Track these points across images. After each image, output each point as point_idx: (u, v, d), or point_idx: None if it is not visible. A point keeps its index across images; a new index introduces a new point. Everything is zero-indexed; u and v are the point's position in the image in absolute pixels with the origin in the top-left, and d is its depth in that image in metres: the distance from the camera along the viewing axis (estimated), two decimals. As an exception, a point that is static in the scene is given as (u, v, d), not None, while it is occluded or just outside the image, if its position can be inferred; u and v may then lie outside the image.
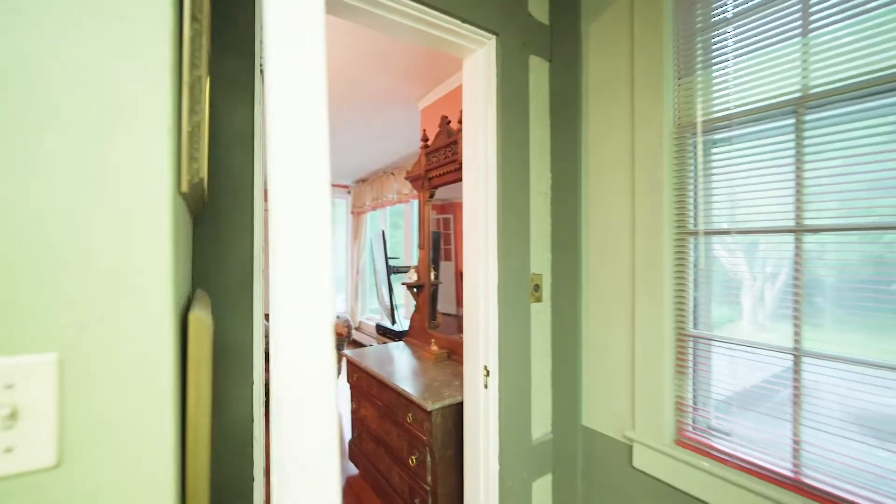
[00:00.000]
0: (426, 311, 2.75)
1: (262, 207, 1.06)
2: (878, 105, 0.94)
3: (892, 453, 0.93)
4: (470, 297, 1.57)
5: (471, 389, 1.58)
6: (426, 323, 2.74)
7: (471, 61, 1.57)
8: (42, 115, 0.40)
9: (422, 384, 1.92)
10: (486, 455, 1.52)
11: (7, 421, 0.38)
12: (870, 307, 0.98)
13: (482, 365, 1.53)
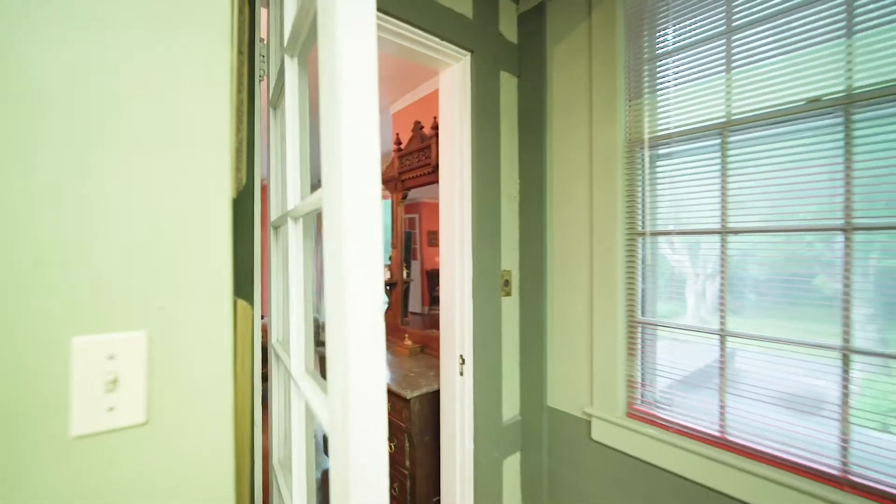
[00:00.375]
0: (398, 308, 2.86)
1: (259, 211, 1.14)
2: (784, 132, 1.16)
3: (796, 412, 1.15)
4: (447, 292, 1.70)
5: (447, 377, 1.71)
6: (398, 319, 2.85)
7: (447, 74, 1.70)
8: (130, 139, 0.49)
9: (399, 375, 2.03)
10: (461, 436, 1.66)
11: (110, 385, 0.47)
12: (785, 296, 1.21)
13: (458, 354, 1.67)
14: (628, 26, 1.48)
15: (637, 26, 1.47)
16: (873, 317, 1.04)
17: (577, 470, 1.62)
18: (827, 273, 1.11)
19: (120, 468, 0.48)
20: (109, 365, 0.47)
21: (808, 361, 1.13)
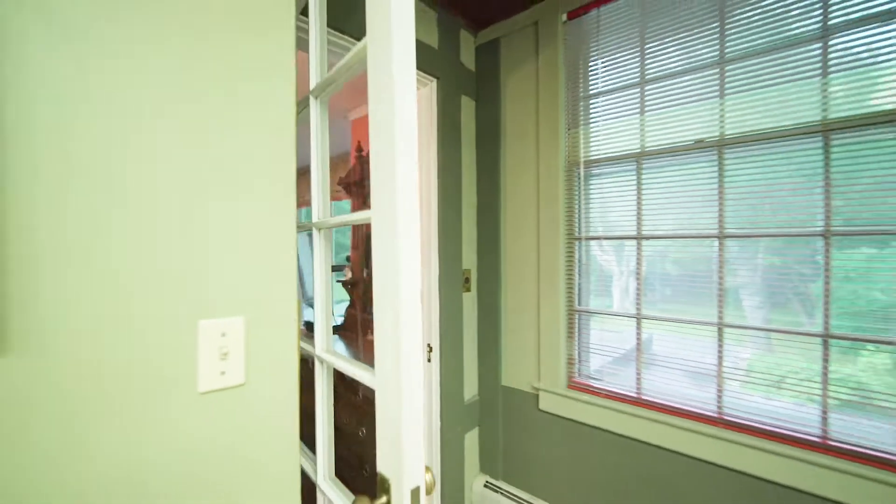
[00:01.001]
0: (360, 306, 3.01)
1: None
2: (681, 162, 1.54)
3: (693, 375, 1.53)
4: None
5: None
6: (359, 316, 3.00)
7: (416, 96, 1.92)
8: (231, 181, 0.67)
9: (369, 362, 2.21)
10: (429, 415, 1.89)
11: (223, 355, 0.65)
12: (685, 287, 1.58)
13: (426, 343, 1.90)
14: (567, 69, 1.80)
15: (574, 70, 1.79)
16: (761, 302, 1.44)
17: (528, 436, 1.92)
18: (711, 269, 1.50)
19: (227, 416, 0.66)
20: (222, 341, 0.65)
21: (697, 337, 1.52)
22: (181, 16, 0.61)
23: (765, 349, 1.42)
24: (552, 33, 1.80)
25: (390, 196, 0.67)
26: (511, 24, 1.95)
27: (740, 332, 1.43)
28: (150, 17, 0.58)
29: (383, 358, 0.73)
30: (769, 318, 1.40)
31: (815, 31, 1.28)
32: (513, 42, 1.97)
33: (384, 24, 0.66)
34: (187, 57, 0.62)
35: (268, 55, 0.71)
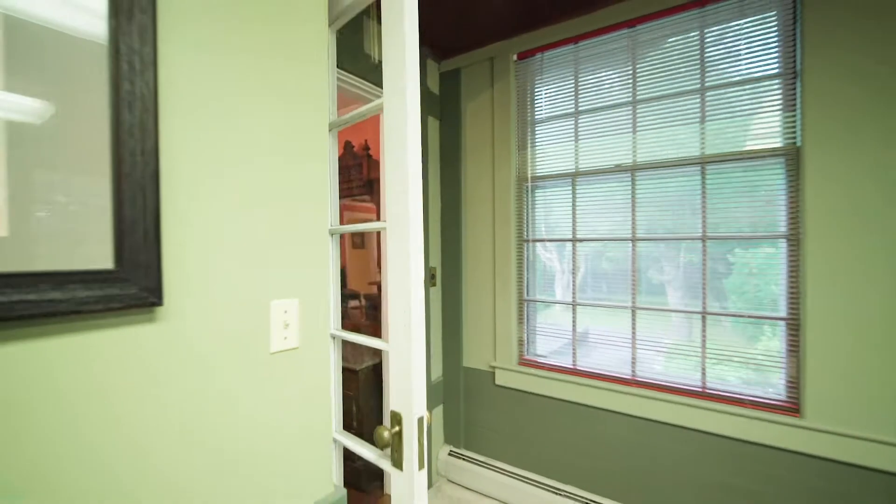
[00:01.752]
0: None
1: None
2: (605, 180, 1.95)
3: (614, 349, 1.95)
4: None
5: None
6: (327, 313, 3.19)
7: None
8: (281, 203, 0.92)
9: (346, 353, 2.44)
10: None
11: (285, 326, 0.90)
12: (612, 279, 1.99)
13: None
14: (517, 99, 2.17)
15: (523, 100, 2.16)
16: (681, 289, 1.87)
17: (486, 409, 2.27)
18: (626, 265, 1.92)
19: (286, 369, 0.91)
20: (285, 316, 0.90)
21: (618, 318, 1.94)
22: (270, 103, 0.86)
23: (666, 325, 1.86)
24: (505, 69, 2.16)
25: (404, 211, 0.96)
26: (470, 57, 2.28)
27: (648, 313, 1.87)
28: (255, 108, 0.83)
29: (396, 328, 1.01)
30: (671, 301, 1.85)
31: (696, 87, 1.73)
32: (472, 72, 2.30)
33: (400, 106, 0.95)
34: (278, 124, 0.87)
35: (317, 124, 0.97)
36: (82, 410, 0.61)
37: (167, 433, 0.71)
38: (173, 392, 0.72)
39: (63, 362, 0.60)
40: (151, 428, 0.69)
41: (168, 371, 0.71)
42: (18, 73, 0.55)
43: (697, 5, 1.70)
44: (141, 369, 0.68)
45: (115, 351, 0.65)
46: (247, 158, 0.84)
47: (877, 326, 1.38)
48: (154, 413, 0.69)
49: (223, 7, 0.80)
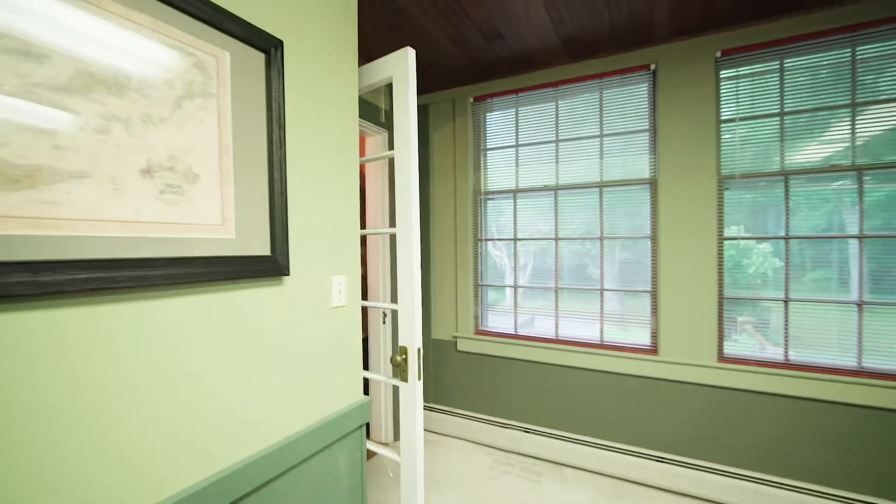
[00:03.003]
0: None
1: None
2: (538, 196, 2.67)
3: (543, 318, 2.67)
4: (373, 279, 2.78)
5: (374, 327, 2.79)
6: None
7: (371, 141, 2.78)
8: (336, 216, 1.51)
9: (333, 334, 2.99)
10: (384, 362, 2.76)
11: (339, 292, 1.49)
12: (541, 268, 2.71)
13: (381, 312, 2.77)
14: (473, 132, 2.84)
15: (477, 132, 2.84)
16: (588, 273, 2.61)
17: (450, 370, 2.92)
18: (550, 259, 2.65)
19: (339, 318, 1.50)
20: (338, 285, 1.49)
21: (546, 297, 2.66)
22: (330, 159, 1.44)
23: (578, 300, 2.61)
24: (464, 109, 2.82)
25: (408, 218, 1.58)
26: (437, 96, 2.92)
27: (566, 291, 2.61)
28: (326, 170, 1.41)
29: (403, 295, 1.63)
30: (581, 283, 2.59)
31: (597, 133, 2.49)
32: (438, 109, 2.94)
33: (406, 156, 1.57)
34: (331, 165, 1.45)
35: (351, 163, 1.57)
36: (258, 321, 1.19)
37: (289, 346, 1.29)
38: (289, 320, 1.30)
39: (250, 300, 1.17)
40: (280, 341, 1.27)
41: (286, 308, 1.29)
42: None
43: (598, 77, 2.45)
44: (275, 306, 1.25)
45: (267, 296, 1.22)
46: (317, 192, 1.42)
47: (696, 295, 2.19)
48: (281, 330, 1.27)
49: (307, 113, 1.38)
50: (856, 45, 1.94)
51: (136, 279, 0.87)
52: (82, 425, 0.79)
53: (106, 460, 0.83)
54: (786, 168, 2.06)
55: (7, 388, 0.69)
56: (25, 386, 0.71)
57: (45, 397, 0.74)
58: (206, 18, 1.02)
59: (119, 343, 0.86)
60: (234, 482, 1.07)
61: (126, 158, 0.88)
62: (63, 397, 0.76)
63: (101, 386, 0.82)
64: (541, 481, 2.35)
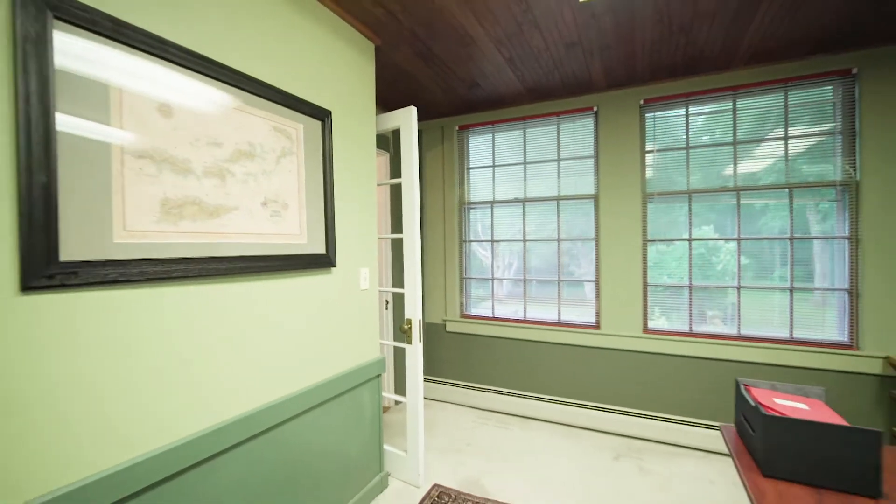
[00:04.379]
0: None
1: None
2: (511, 207, 3.34)
3: (517, 303, 3.35)
4: (380, 269, 3.43)
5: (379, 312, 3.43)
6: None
7: (378, 161, 3.42)
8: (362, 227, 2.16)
9: (343, 319, 3.62)
10: (387, 337, 3.41)
11: (364, 279, 2.13)
12: (514, 263, 3.39)
13: (384, 300, 3.42)
14: (458, 153, 3.50)
15: (462, 154, 3.50)
16: (550, 267, 3.30)
17: (441, 348, 3.58)
18: (520, 256, 3.33)
19: (365, 298, 2.14)
20: (364, 273, 2.13)
21: (516, 286, 3.34)
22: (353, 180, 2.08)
23: (543, 288, 3.29)
24: (451, 135, 3.48)
25: (412, 226, 2.24)
26: (428, 124, 3.58)
27: (534, 282, 3.29)
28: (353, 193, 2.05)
29: (408, 282, 2.29)
30: (545, 275, 3.28)
31: (555, 157, 3.17)
32: (429, 134, 3.60)
33: (410, 184, 2.22)
34: (359, 187, 2.09)
35: (372, 185, 2.21)
36: (299, 313, 1.83)
37: (329, 314, 1.93)
38: (336, 295, 1.94)
39: (315, 281, 1.80)
40: (331, 308, 1.91)
41: (331, 293, 1.93)
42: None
43: (555, 115, 3.13)
44: (328, 286, 1.89)
45: (323, 279, 1.86)
46: (350, 210, 2.06)
47: (627, 284, 2.90)
48: (332, 301, 1.91)
49: (344, 154, 2.02)
50: (736, 99, 2.66)
51: (259, 268, 1.51)
52: (227, 353, 1.44)
53: (213, 380, 1.48)
54: (690, 188, 2.77)
55: (184, 333, 1.34)
56: (191, 331, 1.36)
57: (186, 342, 1.39)
58: (292, 106, 1.67)
59: (244, 303, 1.50)
60: (310, 398, 1.72)
61: (254, 197, 1.51)
62: (201, 341, 1.41)
63: (218, 332, 1.47)
64: (510, 429, 3.03)
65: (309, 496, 1.76)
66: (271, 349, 1.58)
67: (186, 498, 1.27)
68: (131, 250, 1.14)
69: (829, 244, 2.50)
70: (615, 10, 1.95)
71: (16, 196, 0.93)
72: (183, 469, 1.26)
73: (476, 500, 2.14)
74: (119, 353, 1.12)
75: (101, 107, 1.08)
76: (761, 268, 2.64)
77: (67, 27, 1.01)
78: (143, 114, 1.17)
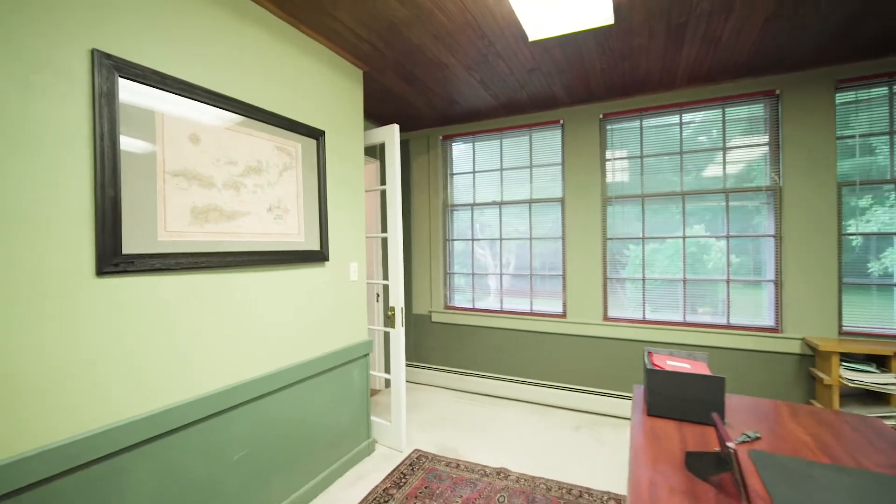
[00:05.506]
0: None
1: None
2: (488, 208, 3.71)
3: (495, 296, 3.72)
4: (370, 265, 3.79)
5: (370, 301, 3.80)
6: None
7: (367, 168, 3.79)
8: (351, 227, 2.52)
9: (339, 311, 3.98)
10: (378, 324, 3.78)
11: (353, 271, 2.50)
12: (491, 259, 3.76)
13: (376, 293, 3.78)
14: (442, 160, 3.87)
15: (445, 161, 3.87)
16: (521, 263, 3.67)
17: (427, 336, 3.95)
18: (496, 253, 3.69)
19: (353, 289, 2.51)
20: (353, 267, 2.50)
21: (494, 279, 3.71)
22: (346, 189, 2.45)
23: (517, 281, 3.66)
24: (435, 144, 3.85)
25: (395, 226, 2.61)
26: (415, 134, 3.94)
27: (511, 276, 3.65)
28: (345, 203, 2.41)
29: (391, 275, 2.65)
30: (518, 270, 3.64)
31: (527, 164, 3.54)
32: (416, 143, 3.96)
33: (394, 189, 2.59)
34: (349, 194, 2.45)
35: (360, 192, 2.57)
36: (298, 299, 2.19)
37: (323, 300, 2.29)
38: (328, 285, 2.30)
39: (311, 273, 2.17)
40: (324, 296, 2.27)
41: (324, 284, 2.30)
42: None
43: (527, 126, 3.50)
44: (322, 277, 2.26)
45: (318, 271, 2.23)
46: (340, 213, 2.43)
47: (590, 277, 3.26)
48: (325, 290, 2.28)
49: (336, 167, 2.38)
50: (682, 114, 3.03)
51: (265, 261, 1.87)
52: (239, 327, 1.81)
53: (230, 347, 1.85)
54: (644, 192, 3.14)
55: (208, 310, 1.71)
56: (197, 308, 1.73)
57: (209, 316, 1.76)
58: (291, 128, 2.03)
59: (255, 289, 1.87)
60: (306, 369, 2.09)
61: (261, 204, 1.88)
62: (220, 317, 1.78)
63: (234, 310, 1.84)
64: (486, 407, 3.40)
65: (305, 453, 2.12)
66: (276, 327, 1.95)
67: (208, 440, 1.64)
68: (170, 246, 1.51)
69: (761, 241, 2.87)
70: (563, 44, 2.32)
71: (93, 207, 1.30)
72: (206, 416, 1.62)
73: (449, 461, 2.51)
74: (159, 322, 1.49)
75: (148, 129, 1.44)
76: (702, 263, 3.01)
77: (127, 81, 1.38)
78: (178, 141, 1.54)
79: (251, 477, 1.82)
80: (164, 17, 1.50)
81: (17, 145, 1.14)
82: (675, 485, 1.05)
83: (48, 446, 1.18)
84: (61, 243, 1.23)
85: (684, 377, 1.43)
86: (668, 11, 2.00)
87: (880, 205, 2.58)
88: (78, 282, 1.27)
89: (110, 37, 1.34)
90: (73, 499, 1.23)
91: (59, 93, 1.22)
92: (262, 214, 1.88)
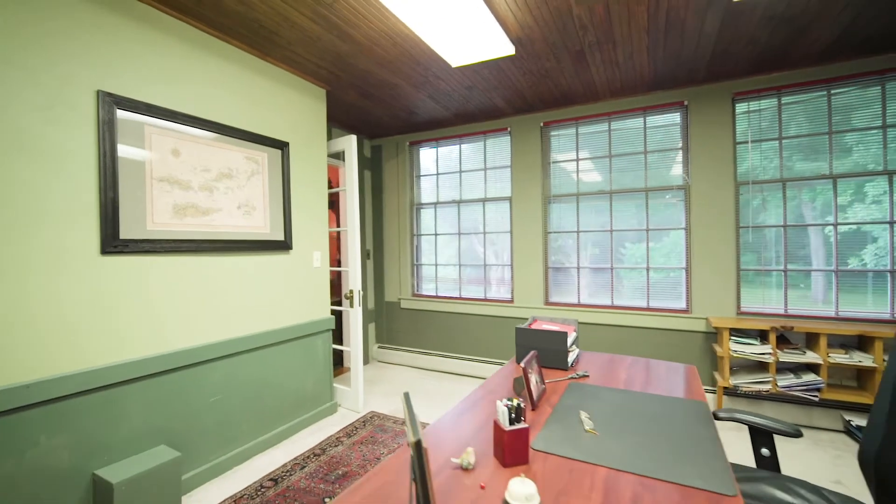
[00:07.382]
0: (305, 275, 5.21)
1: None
2: (449, 206, 4.16)
3: (455, 286, 4.18)
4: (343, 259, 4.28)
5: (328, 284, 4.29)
6: (305, 281, 5.19)
7: (341, 171, 4.27)
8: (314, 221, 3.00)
9: (319, 298, 4.48)
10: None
11: (316, 258, 2.98)
12: (457, 252, 4.22)
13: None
14: (410, 163, 4.34)
15: (413, 164, 4.33)
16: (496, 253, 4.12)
17: (397, 321, 4.42)
18: (473, 244, 4.15)
19: (317, 275, 2.99)
20: (317, 255, 2.98)
21: (463, 272, 4.16)
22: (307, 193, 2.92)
23: (472, 271, 4.10)
24: (403, 149, 4.32)
25: (353, 225, 3.08)
26: (386, 140, 4.42)
27: (468, 266, 4.10)
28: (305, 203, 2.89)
29: (350, 263, 3.13)
30: (475, 260, 4.09)
31: (482, 166, 3.98)
32: (387, 148, 4.43)
33: (352, 190, 3.07)
34: (315, 195, 2.93)
35: (323, 192, 3.05)
36: (264, 280, 2.68)
37: (288, 282, 2.78)
38: (292, 271, 2.78)
39: (275, 259, 2.65)
40: (289, 280, 2.76)
41: (289, 268, 2.78)
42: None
43: (481, 133, 3.94)
44: (286, 263, 2.74)
45: (282, 258, 2.71)
46: (303, 210, 2.90)
47: (533, 266, 3.69)
48: (289, 275, 2.76)
49: (300, 174, 2.86)
50: (610, 122, 3.45)
51: (235, 248, 2.36)
52: (210, 298, 2.30)
53: (203, 314, 2.34)
54: (579, 191, 3.56)
55: (185, 284, 2.21)
56: (174, 286, 2.23)
57: (187, 289, 2.26)
58: (258, 141, 2.52)
59: (226, 270, 2.36)
60: (275, 336, 2.57)
61: (232, 202, 2.37)
62: (196, 291, 2.28)
63: (209, 286, 2.33)
64: (442, 382, 3.85)
65: (274, 408, 2.61)
66: (242, 300, 2.44)
67: (186, 386, 2.13)
68: (156, 234, 2.00)
69: (676, 233, 3.28)
70: (488, 67, 2.77)
71: (99, 204, 1.79)
72: (183, 365, 2.11)
73: (396, 419, 2.98)
74: (145, 291, 1.98)
75: (139, 146, 1.94)
76: (630, 253, 3.43)
77: (124, 112, 1.87)
78: (162, 154, 2.03)
79: (226, 417, 2.31)
80: (155, 59, 2.00)
81: (44, 161, 1.64)
82: (500, 396, 1.50)
83: (65, 373, 1.68)
84: (76, 230, 1.73)
85: (539, 332, 1.88)
86: (563, 42, 2.44)
87: (772, 202, 2.98)
88: (88, 258, 1.76)
89: (112, 80, 1.84)
90: (85, 412, 1.73)
91: (74, 123, 1.72)
92: (232, 211, 2.36)
